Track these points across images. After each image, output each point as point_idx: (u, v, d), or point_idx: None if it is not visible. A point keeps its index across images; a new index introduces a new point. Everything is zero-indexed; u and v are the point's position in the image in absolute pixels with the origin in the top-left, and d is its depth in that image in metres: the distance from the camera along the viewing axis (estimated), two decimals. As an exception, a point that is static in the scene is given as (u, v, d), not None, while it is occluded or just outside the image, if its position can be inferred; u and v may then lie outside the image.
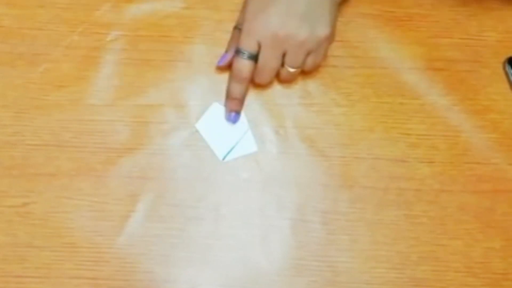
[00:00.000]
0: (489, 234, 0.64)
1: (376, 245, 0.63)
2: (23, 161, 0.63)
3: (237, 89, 0.64)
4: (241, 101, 0.65)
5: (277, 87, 0.66)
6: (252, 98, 0.66)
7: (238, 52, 0.63)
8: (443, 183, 0.65)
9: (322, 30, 0.61)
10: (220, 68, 0.65)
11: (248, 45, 0.62)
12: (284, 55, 0.62)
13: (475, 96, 0.67)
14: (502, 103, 0.67)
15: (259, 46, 0.61)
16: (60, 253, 0.61)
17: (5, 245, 0.61)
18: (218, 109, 0.66)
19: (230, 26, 0.67)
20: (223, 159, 0.64)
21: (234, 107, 0.65)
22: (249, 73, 0.63)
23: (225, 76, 0.66)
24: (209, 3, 0.68)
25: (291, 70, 0.63)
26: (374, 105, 0.66)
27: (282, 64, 0.63)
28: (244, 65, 0.62)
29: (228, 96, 0.65)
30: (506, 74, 0.67)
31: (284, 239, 0.63)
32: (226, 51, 0.65)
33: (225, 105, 0.65)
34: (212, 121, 0.65)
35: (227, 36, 0.67)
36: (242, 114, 0.65)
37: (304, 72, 0.65)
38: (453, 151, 0.66)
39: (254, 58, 0.62)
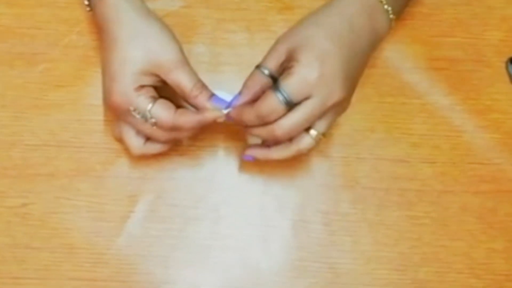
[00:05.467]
0: (491, 235, 0.63)
1: (378, 246, 0.63)
2: (22, 161, 0.63)
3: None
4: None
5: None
6: (253, 97, 0.66)
7: (276, 90, 0.53)
8: (445, 184, 0.64)
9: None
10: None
11: (297, 93, 0.53)
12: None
13: (477, 96, 0.67)
14: (504, 103, 0.67)
15: (307, 97, 0.53)
16: (58, 254, 0.61)
17: (3, 246, 0.61)
18: None
19: (230, 26, 0.67)
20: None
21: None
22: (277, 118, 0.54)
23: (224, 76, 0.66)
24: (209, 2, 0.68)
25: (315, 135, 0.56)
26: (375, 105, 0.66)
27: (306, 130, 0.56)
28: (278, 109, 0.53)
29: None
30: (509, 73, 0.67)
31: (284, 240, 0.63)
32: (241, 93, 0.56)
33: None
34: None
35: (227, 36, 0.67)
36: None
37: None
38: (455, 151, 0.65)
39: (291, 106, 0.53)
